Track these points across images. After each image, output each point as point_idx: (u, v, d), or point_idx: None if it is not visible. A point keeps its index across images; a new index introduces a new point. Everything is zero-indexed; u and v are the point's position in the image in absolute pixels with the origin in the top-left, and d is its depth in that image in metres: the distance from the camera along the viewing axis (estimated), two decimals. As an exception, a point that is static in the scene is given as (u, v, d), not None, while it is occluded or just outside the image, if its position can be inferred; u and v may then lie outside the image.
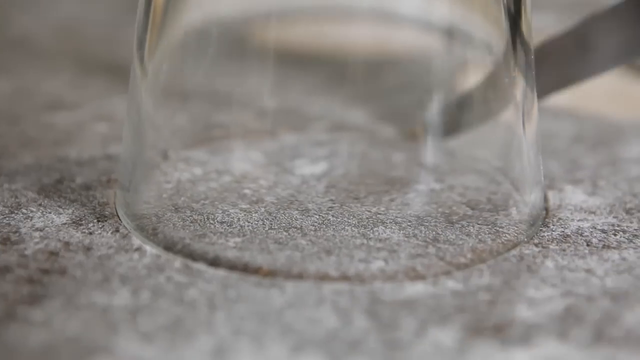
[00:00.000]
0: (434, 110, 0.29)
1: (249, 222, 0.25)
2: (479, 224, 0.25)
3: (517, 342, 0.21)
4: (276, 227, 0.25)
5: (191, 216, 0.26)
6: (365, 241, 0.25)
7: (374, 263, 0.24)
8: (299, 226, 0.25)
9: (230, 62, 0.35)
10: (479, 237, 0.25)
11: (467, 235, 0.25)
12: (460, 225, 0.25)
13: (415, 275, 0.23)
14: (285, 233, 0.25)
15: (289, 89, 0.35)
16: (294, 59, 0.38)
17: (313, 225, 0.25)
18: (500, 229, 0.25)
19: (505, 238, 0.25)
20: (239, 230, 0.25)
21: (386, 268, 0.23)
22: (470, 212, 0.26)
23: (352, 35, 0.40)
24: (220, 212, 0.26)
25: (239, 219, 0.25)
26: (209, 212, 0.26)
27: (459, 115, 0.27)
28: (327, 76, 0.36)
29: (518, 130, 0.26)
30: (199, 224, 0.25)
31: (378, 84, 0.35)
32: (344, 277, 0.23)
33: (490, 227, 0.25)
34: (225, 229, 0.25)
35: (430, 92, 0.30)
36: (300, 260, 0.24)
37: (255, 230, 0.25)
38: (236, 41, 0.36)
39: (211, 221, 0.25)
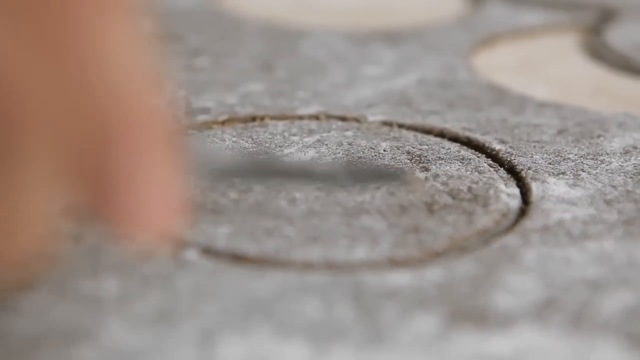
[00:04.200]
0: None
1: (238, 211, 0.26)
2: (457, 214, 0.26)
3: (497, 330, 0.21)
4: (264, 216, 0.26)
5: (182, 205, 0.26)
6: (349, 230, 0.25)
7: (357, 252, 0.24)
8: (286, 215, 0.26)
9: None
10: (456, 226, 0.25)
11: (444, 224, 0.25)
12: (439, 215, 0.26)
13: (396, 264, 0.24)
14: (273, 222, 0.25)
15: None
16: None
17: (300, 215, 0.26)
18: (476, 218, 0.26)
19: (480, 227, 0.25)
20: (228, 219, 0.25)
21: (369, 257, 0.24)
22: (450, 202, 0.26)
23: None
24: (210, 200, 0.26)
25: (228, 208, 0.26)
26: (199, 200, 0.26)
27: None
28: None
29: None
30: (190, 213, 0.26)
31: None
32: (329, 266, 0.24)
33: (467, 216, 0.26)
34: (215, 218, 0.25)
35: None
36: (286, 249, 0.24)
37: (244, 219, 0.25)
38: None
39: (202, 210, 0.26)
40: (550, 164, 0.29)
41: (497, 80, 0.36)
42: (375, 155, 0.29)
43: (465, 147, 0.30)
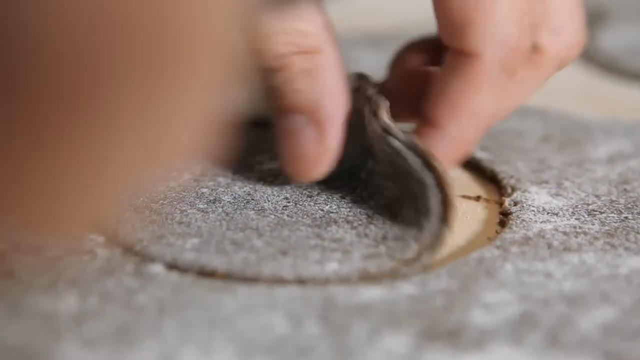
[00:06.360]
0: None
1: (206, 222, 0.25)
2: (415, 211, 0.25)
3: (470, 348, 0.20)
4: (233, 227, 0.25)
5: (150, 216, 0.25)
6: (319, 241, 0.24)
7: (328, 265, 0.23)
8: (255, 227, 0.25)
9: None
10: (418, 224, 0.24)
11: (409, 225, 0.24)
12: (402, 218, 0.25)
13: (368, 277, 0.23)
14: (241, 234, 0.24)
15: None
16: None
17: (269, 226, 0.25)
18: (431, 208, 0.24)
19: (435, 216, 0.24)
20: (196, 231, 0.25)
21: (340, 270, 0.23)
22: (406, 202, 0.25)
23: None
24: (178, 212, 0.25)
25: (196, 219, 0.25)
26: (167, 212, 0.25)
27: None
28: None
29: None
30: (157, 225, 0.25)
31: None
32: (299, 280, 0.23)
33: (423, 209, 0.24)
34: (183, 229, 0.25)
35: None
36: (255, 262, 0.23)
37: (212, 231, 0.25)
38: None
39: (169, 221, 0.25)
40: (533, 172, 0.28)
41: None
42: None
43: None
